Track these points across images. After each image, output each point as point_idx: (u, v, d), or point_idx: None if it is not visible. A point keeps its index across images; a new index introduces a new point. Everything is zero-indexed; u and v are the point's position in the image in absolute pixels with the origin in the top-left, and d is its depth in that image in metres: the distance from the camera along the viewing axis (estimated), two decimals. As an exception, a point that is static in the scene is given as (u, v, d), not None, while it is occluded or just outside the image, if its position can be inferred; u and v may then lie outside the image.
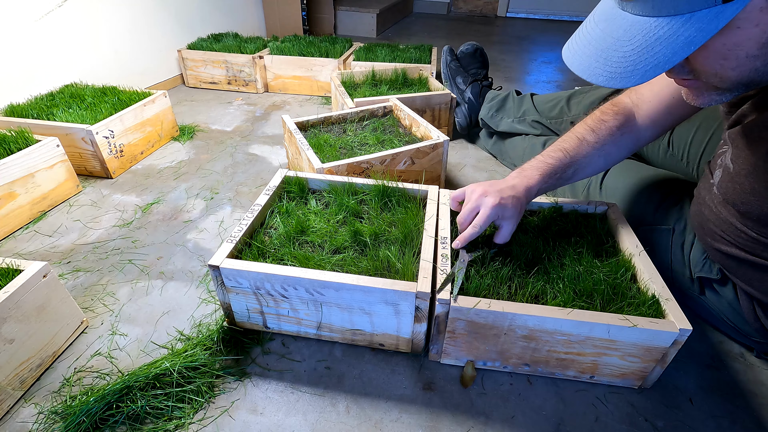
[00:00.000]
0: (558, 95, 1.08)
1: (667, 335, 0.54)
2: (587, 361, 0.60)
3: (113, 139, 1.10)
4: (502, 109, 1.18)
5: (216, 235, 0.93)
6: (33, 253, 0.86)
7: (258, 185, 1.11)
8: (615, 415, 0.59)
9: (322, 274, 0.60)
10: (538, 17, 3.54)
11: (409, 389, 0.62)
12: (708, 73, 0.41)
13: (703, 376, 0.65)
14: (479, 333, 0.59)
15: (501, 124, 1.18)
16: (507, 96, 1.19)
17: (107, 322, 0.71)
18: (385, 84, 1.42)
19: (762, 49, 0.37)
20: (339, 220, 0.74)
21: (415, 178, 0.96)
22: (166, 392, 0.58)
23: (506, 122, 1.16)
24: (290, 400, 0.60)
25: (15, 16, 1.15)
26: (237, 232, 0.67)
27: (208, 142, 1.33)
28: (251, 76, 1.70)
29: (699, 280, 0.68)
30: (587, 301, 0.59)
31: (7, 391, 0.58)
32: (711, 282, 0.67)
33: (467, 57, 1.41)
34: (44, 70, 1.26)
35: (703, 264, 0.67)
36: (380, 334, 0.65)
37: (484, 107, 1.23)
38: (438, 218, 0.72)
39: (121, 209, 1.00)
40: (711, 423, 0.59)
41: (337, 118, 1.12)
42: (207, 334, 0.67)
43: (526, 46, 2.65)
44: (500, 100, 1.19)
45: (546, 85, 1.97)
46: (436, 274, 0.61)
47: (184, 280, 0.81)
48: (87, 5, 1.36)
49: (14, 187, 0.90)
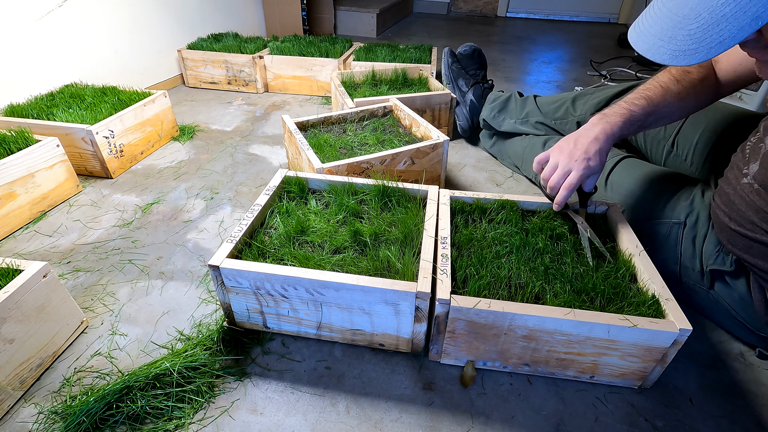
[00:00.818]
0: (562, 96, 1.09)
1: (667, 335, 0.54)
2: (587, 361, 0.60)
3: (113, 139, 1.10)
4: (505, 110, 1.18)
5: (216, 235, 0.93)
6: (33, 253, 0.86)
7: (258, 185, 1.11)
8: (615, 415, 0.59)
9: (322, 274, 0.60)
10: (538, 17, 3.54)
11: (409, 389, 0.62)
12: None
13: (703, 376, 0.65)
14: (479, 333, 0.59)
15: (503, 124, 1.18)
16: (509, 97, 1.19)
17: (107, 322, 0.71)
18: (385, 84, 1.42)
19: None
20: (339, 220, 0.74)
21: (415, 178, 0.96)
22: (166, 392, 0.58)
23: (509, 123, 1.16)
24: (290, 400, 0.60)
25: (15, 16, 1.15)
26: (237, 232, 0.67)
27: (208, 142, 1.33)
28: (251, 76, 1.70)
29: (710, 274, 0.69)
30: (587, 301, 0.59)
31: (7, 391, 0.58)
32: (723, 275, 0.67)
33: (465, 58, 1.41)
34: (44, 70, 1.26)
35: (716, 257, 0.67)
36: (380, 334, 0.65)
37: (486, 107, 1.23)
38: (438, 218, 0.72)
39: (121, 209, 1.00)
40: (711, 423, 0.59)
41: (337, 118, 1.12)
42: (207, 334, 0.67)
43: (526, 46, 2.65)
44: (503, 101, 1.19)
45: (546, 85, 1.97)
46: (437, 274, 0.61)
47: (184, 280, 0.81)
48: (87, 5, 1.36)
49: (14, 187, 0.90)
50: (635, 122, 0.68)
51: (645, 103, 0.68)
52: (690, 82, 0.68)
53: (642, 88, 0.70)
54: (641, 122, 0.68)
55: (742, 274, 0.65)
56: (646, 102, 0.68)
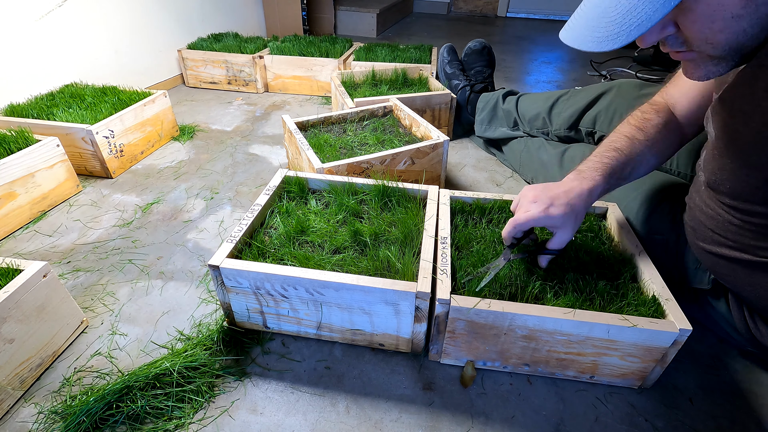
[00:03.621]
0: (540, 105, 1.07)
1: (667, 335, 0.54)
2: (587, 361, 0.60)
3: (113, 138, 1.10)
4: (495, 118, 1.19)
5: (216, 235, 0.93)
6: (33, 253, 0.86)
7: (258, 185, 1.11)
8: (615, 415, 0.59)
9: (322, 274, 0.60)
10: (538, 17, 3.54)
11: (409, 389, 0.62)
12: (699, 39, 0.43)
13: (703, 376, 0.65)
14: (479, 333, 0.59)
15: (496, 132, 1.19)
16: (495, 104, 1.19)
17: (107, 322, 0.71)
18: (385, 84, 1.42)
19: (745, 8, 0.40)
20: (339, 220, 0.74)
21: (415, 178, 0.96)
22: (166, 392, 0.58)
23: (501, 131, 1.18)
24: (290, 400, 0.60)
25: (15, 16, 1.15)
26: (237, 232, 0.67)
27: (208, 142, 1.33)
28: (251, 76, 1.70)
29: (693, 292, 0.68)
30: (587, 301, 0.59)
31: (7, 390, 0.58)
32: (705, 294, 0.67)
33: (474, 54, 1.40)
34: (44, 70, 1.26)
35: (695, 275, 0.67)
36: (380, 334, 0.65)
37: (477, 121, 1.24)
38: (438, 218, 0.72)
39: (121, 209, 1.00)
40: (711, 423, 0.59)
41: (337, 118, 1.12)
42: (207, 334, 0.67)
43: (526, 46, 2.65)
44: (490, 111, 1.20)
45: (546, 85, 1.97)
46: (437, 274, 0.61)
47: (184, 280, 0.81)
48: (87, 5, 1.36)
49: (14, 187, 0.90)
50: (613, 174, 0.62)
51: (617, 155, 0.63)
52: (654, 128, 0.64)
53: (607, 141, 0.66)
54: (618, 174, 0.63)
55: (721, 294, 0.65)
56: (617, 153, 0.63)
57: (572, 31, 0.47)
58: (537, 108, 1.07)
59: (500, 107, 1.17)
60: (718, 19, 0.41)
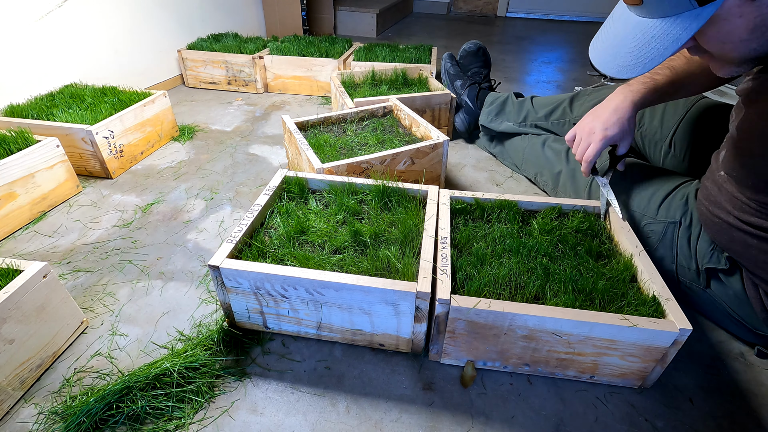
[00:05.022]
0: (559, 97, 1.09)
1: (667, 335, 0.54)
2: (587, 361, 0.60)
3: (113, 139, 1.10)
4: (502, 113, 1.18)
5: (216, 235, 0.93)
6: (33, 254, 0.86)
7: (258, 185, 1.11)
8: (615, 415, 0.59)
9: (322, 274, 0.60)
10: (538, 17, 3.54)
11: (409, 389, 0.62)
12: (715, 53, 0.49)
13: (703, 376, 0.65)
14: (479, 333, 0.59)
15: (501, 126, 1.18)
16: (506, 99, 1.19)
17: (107, 323, 0.71)
18: (385, 84, 1.42)
19: (752, 34, 0.44)
20: (339, 220, 0.74)
21: (415, 178, 0.96)
22: (166, 392, 0.58)
23: (507, 125, 1.17)
24: (290, 400, 0.60)
25: (15, 16, 1.15)
26: (237, 232, 0.67)
27: (208, 142, 1.33)
28: (251, 76, 1.70)
29: (705, 273, 0.69)
30: (587, 301, 0.59)
31: (7, 391, 0.58)
32: (718, 273, 0.67)
33: (469, 56, 1.40)
34: (44, 71, 1.26)
35: (710, 255, 0.67)
36: (380, 334, 0.65)
37: (483, 111, 1.23)
38: (438, 218, 0.72)
39: (121, 209, 1.00)
40: (711, 423, 0.59)
41: (337, 118, 1.12)
42: (207, 334, 0.67)
43: (526, 46, 2.65)
44: (499, 104, 1.19)
45: (546, 85, 1.97)
46: (437, 274, 0.61)
47: (184, 280, 0.81)
48: (87, 5, 1.36)
49: (14, 188, 0.90)
50: (659, 90, 0.71)
51: (669, 72, 0.71)
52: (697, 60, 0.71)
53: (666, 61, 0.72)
54: (664, 90, 0.71)
55: (736, 272, 0.66)
56: (670, 71, 0.71)
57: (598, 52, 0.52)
58: (557, 100, 1.09)
59: (510, 102, 1.18)
60: (728, 42, 0.46)
